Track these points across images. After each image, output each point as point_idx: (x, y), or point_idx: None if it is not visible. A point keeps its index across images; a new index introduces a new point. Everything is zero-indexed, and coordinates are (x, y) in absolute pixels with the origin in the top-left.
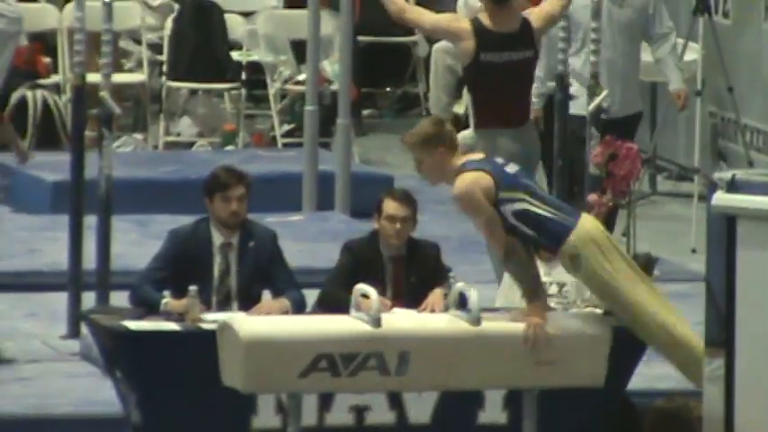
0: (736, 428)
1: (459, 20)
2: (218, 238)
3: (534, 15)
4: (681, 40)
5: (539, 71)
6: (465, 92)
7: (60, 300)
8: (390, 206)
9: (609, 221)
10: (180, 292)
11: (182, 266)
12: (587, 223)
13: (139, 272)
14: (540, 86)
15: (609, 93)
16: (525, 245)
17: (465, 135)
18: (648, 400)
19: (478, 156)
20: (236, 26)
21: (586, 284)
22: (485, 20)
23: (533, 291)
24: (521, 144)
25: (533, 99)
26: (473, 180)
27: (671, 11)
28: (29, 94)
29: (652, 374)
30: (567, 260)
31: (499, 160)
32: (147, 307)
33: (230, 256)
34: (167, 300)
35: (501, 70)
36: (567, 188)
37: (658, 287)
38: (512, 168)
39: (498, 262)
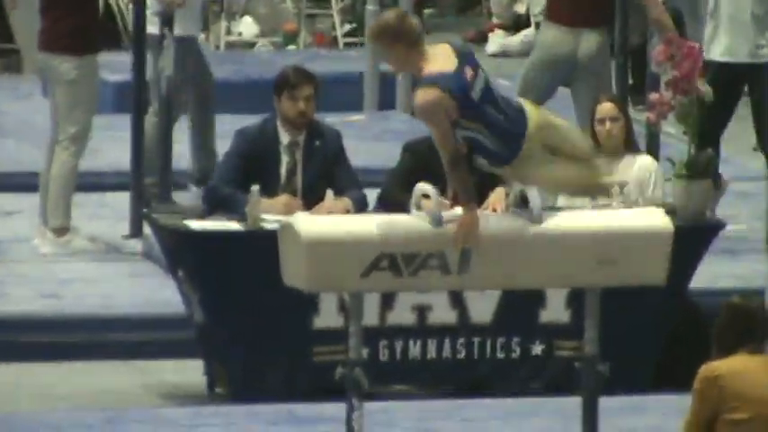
0: None
1: None
2: (285, 137)
3: None
4: None
5: None
6: None
7: (123, 199)
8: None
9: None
10: (246, 191)
11: (250, 165)
12: (530, 145)
13: (182, 171)
14: None
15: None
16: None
17: (524, 37)
18: (710, 299)
19: (448, 66)
20: None
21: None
22: None
23: (471, 197)
24: (573, 45)
25: None
26: (437, 100)
27: None
28: None
29: (713, 273)
30: (510, 178)
31: (468, 75)
32: (225, 206)
33: (297, 155)
34: (253, 197)
35: None
36: (634, 84)
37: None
38: (477, 89)
39: None
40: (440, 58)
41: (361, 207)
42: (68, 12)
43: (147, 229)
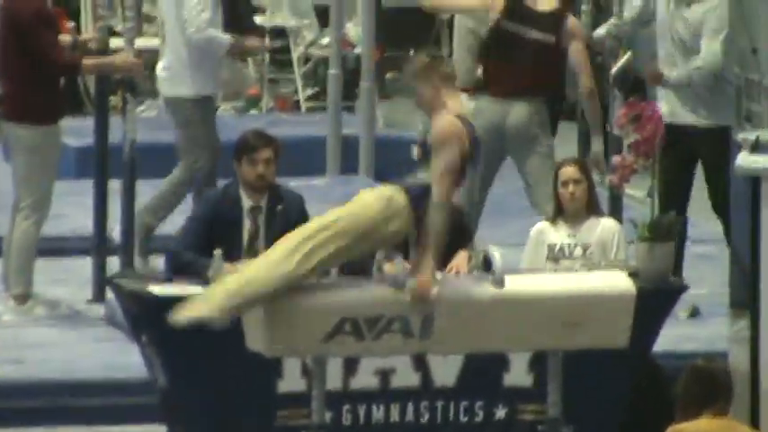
0: (762, 387)
1: None
2: (247, 202)
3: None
4: None
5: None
6: None
7: (85, 265)
8: None
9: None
10: (209, 255)
11: (213, 229)
12: None
13: (171, 236)
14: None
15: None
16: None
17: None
18: (673, 362)
19: (467, 110)
20: None
21: None
22: None
23: (437, 251)
24: (501, 114)
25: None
26: (461, 131)
27: None
28: None
29: (676, 336)
30: None
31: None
32: (190, 272)
33: (259, 220)
34: (216, 261)
35: (513, 41)
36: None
37: None
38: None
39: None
40: (459, 104)
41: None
42: (30, 81)
43: (110, 295)
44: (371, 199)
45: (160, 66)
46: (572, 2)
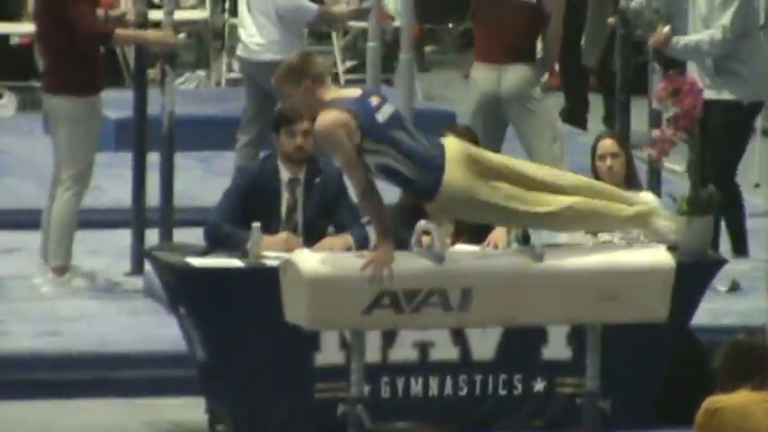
0: None
1: None
2: (285, 174)
3: None
4: None
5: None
6: None
7: (124, 237)
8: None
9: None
10: (247, 228)
11: (251, 202)
12: (456, 154)
13: (208, 209)
14: None
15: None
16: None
17: None
18: (712, 335)
19: (353, 93)
20: None
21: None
22: None
23: (385, 230)
24: (496, 80)
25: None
26: (337, 119)
27: None
28: None
29: (715, 310)
30: (437, 213)
31: (373, 102)
32: (226, 244)
33: (297, 192)
34: (254, 234)
35: (498, 4)
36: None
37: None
38: (384, 113)
39: None
40: (346, 92)
41: (362, 244)
42: (69, 53)
43: (148, 267)
44: None
45: (246, 33)
46: None
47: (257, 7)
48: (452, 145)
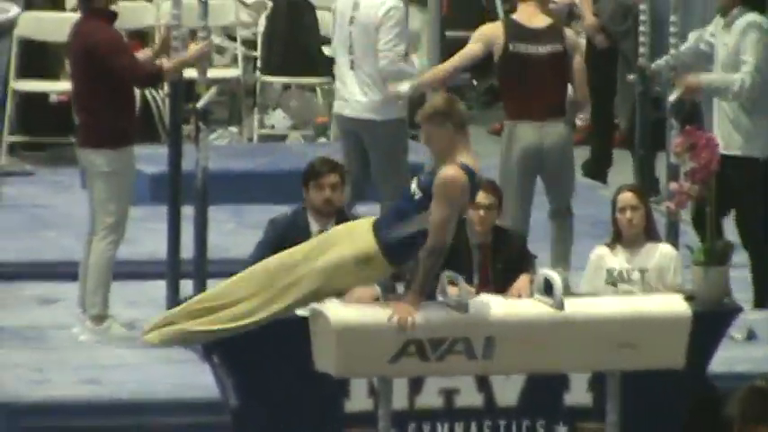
0: None
1: (490, 25)
2: (314, 226)
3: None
4: None
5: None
6: None
7: (159, 288)
8: (481, 197)
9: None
10: None
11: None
12: None
13: (241, 260)
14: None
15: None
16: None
17: None
18: (729, 382)
19: (475, 166)
20: (327, 22)
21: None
22: (516, 16)
23: (423, 288)
24: (539, 137)
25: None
26: (466, 185)
27: None
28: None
29: (732, 358)
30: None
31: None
32: None
33: None
34: None
35: (529, 62)
36: (649, 176)
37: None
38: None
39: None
40: (472, 157)
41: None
42: (104, 108)
43: None
44: (348, 252)
45: (347, 90)
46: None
47: (360, 67)
48: None
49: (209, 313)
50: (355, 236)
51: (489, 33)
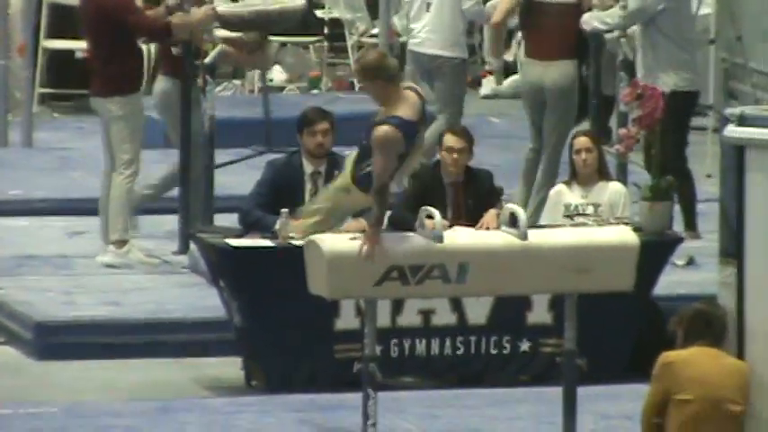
0: (746, 323)
1: None
2: (308, 167)
3: None
4: None
5: None
6: (513, 43)
7: (172, 222)
8: (449, 139)
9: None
10: (275, 213)
11: (279, 191)
12: None
13: (243, 197)
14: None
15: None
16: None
17: (511, 82)
18: (671, 303)
19: (413, 115)
20: None
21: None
22: None
23: (379, 219)
24: (542, 75)
25: None
26: (398, 140)
27: None
28: (144, 47)
29: (674, 281)
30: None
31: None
32: (258, 228)
33: (318, 182)
34: (283, 219)
35: (542, 10)
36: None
37: None
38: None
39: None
40: (408, 105)
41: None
42: (113, 61)
43: (192, 247)
44: (337, 183)
45: (423, 29)
46: None
47: (438, 8)
48: None
49: (313, 215)
50: (345, 169)
51: None
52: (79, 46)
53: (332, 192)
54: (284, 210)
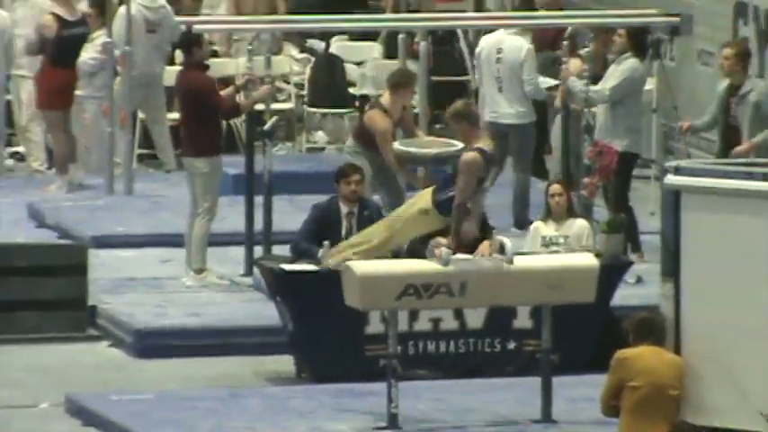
0: (682, 330)
1: None
2: (344, 209)
3: None
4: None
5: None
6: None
7: (240, 251)
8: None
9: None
10: (319, 245)
11: (321, 227)
12: None
13: (294, 232)
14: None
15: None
16: None
17: None
18: (624, 312)
19: (489, 149)
20: (352, 70)
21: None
22: None
23: (456, 229)
24: None
25: None
26: (480, 162)
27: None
28: None
29: (627, 295)
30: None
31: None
32: (306, 256)
33: (352, 221)
34: (325, 249)
35: None
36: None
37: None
38: None
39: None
40: (486, 144)
41: (396, 254)
42: (200, 129)
43: (256, 271)
44: (416, 207)
45: (499, 106)
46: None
47: (507, 90)
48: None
49: (352, 248)
50: (422, 198)
51: None
52: (168, 117)
53: (406, 216)
54: (326, 242)
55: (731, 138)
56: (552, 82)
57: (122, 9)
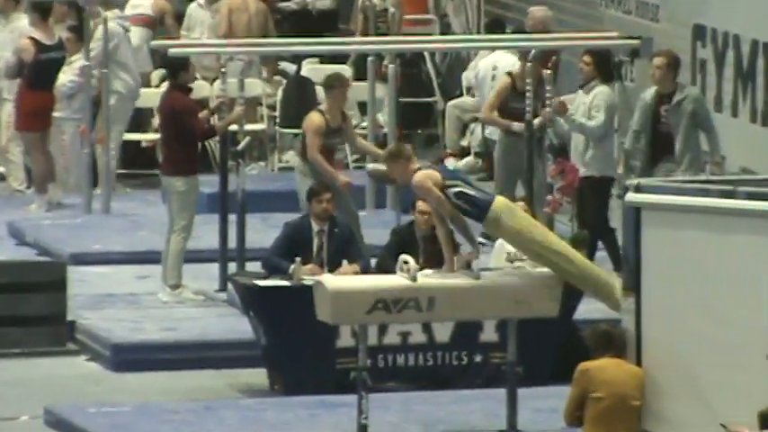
0: (643, 341)
1: None
2: (315, 227)
3: None
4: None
5: None
6: (468, 132)
7: (214, 267)
8: (420, 205)
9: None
10: (291, 261)
11: (293, 244)
12: (501, 199)
13: (266, 249)
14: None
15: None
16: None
17: (466, 161)
18: (586, 326)
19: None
20: (322, 92)
21: (507, 240)
22: None
23: (472, 240)
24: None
25: None
26: (426, 174)
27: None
28: None
29: (589, 309)
30: (491, 224)
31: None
32: (277, 271)
33: (323, 238)
34: (296, 265)
35: None
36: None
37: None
38: (450, 170)
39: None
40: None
41: (365, 270)
42: (179, 149)
43: (230, 286)
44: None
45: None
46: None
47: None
48: (499, 198)
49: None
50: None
51: None
52: (144, 137)
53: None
54: (298, 258)
55: (661, 145)
56: None
57: (100, 28)
